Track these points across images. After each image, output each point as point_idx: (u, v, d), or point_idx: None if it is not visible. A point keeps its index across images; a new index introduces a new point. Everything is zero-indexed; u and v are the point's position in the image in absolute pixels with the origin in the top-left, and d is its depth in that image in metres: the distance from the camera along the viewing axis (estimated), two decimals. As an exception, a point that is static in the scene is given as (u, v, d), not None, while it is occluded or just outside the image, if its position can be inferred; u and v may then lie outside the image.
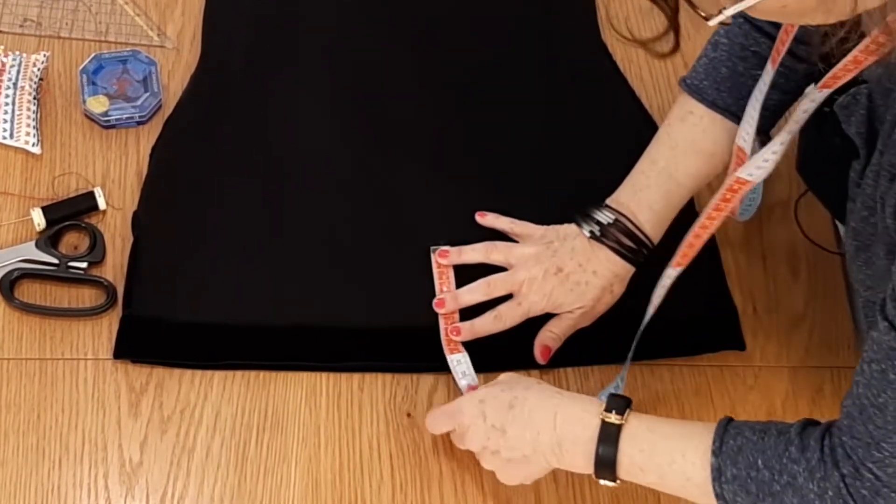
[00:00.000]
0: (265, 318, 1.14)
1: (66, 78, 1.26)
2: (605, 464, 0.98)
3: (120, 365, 1.11)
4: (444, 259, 1.16)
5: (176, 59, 1.29)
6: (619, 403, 0.99)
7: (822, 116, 1.05)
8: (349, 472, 1.08)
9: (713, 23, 0.76)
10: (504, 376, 1.06)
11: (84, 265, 1.15)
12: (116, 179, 1.21)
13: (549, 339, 1.13)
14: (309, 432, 1.09)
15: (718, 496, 0.94)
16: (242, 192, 1.21)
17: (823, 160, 1.11)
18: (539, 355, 1.13)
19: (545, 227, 1.16)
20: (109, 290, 1.13)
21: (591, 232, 1.12)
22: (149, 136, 1.23)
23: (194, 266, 1.16)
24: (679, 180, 1.13)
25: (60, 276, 1.14)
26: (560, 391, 1.03)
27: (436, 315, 1.14)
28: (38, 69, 1.24)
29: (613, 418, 0.98)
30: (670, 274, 1.10)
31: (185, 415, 1.09)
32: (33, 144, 1.21)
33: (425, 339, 1.14)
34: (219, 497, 1.06)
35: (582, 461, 0.99)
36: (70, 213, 1.17)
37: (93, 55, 1.26)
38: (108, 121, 1.23)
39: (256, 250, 1.17)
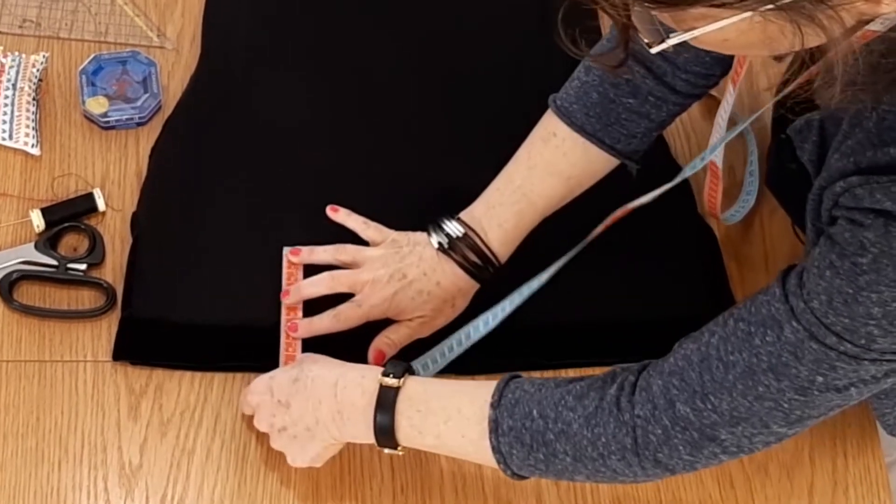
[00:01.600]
0: (265, 320, 1.13)
1: (65, 79, 1.26)
2: (384, 429, 0.98)
3: (119, 367, 1.11)
4: (295, 257, 1.15)
5: (175, 60, 1.29)
6: (398, 368, 1.00)
7: (781, 142, 1.05)
8: (349, 475, 1.08)
9: (655, 50, 0.76)
10: (301, 356, 1.07)
11: (83, 267, 1.14)
12: (116, 181, 1.21)
13: (384, 344, 1.12)
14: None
15: (495, 449, 0.95)
16: (242, 194, 1.21)
17: (784, 183, 1.11)
18: (372, 360, 1.12)
19: (397, 232, 1.16)
20: (109, 291, 1.13)
21: (440, 243, 1.12)
22: (148, 137, 1.23)
23: (194, 267, 1.16)
24: (533, 200, 1.13)
25: (60, 277, 1.14)
26: (346, 363, 1.04)
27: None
28: (38, 70, 1.24)
29: (390, 381, 0.99)
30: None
31: (185, 417, 1.09)
32: (32, 146, 1.20)
33: (426, 338, 1.14)
34: (219, 499, 1.06)
35: (363, 428, 0.99)
36: (69, 215, 1.17)
37: (92, 56, 1.26)
38: (108, 122, 1.22)
39: (256, 251, 1.17)
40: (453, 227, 1.13)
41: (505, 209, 1.13)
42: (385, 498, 1.07)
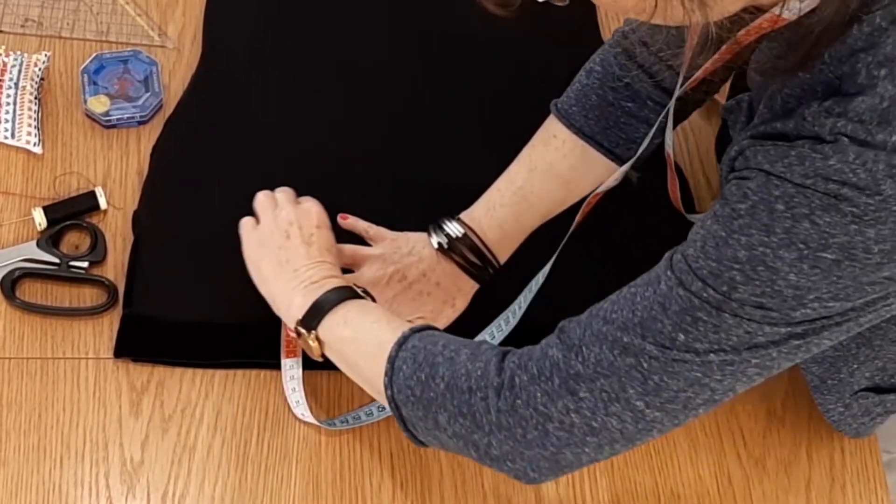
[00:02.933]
0: (266, 317, 1.13)
1: (67, 78, 1.27)
2: (322, 304, 1.01)
3: (121, 364, 1.11)
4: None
5: (177, 59, 1.30)
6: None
7: (723, 123, 1.06)
8: (350, 471, 1.08)
9: (561, 2, 0.79)
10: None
11: (85, 264, 1.15)
12: (117, 179, 1.21)
13: None
14: (309, 431, 1.09)
15: (390, 359, 0.96)
16: (243, 191, 1.21)
17: None
18: None
19: (399, 233, 1.17)
20: (110, 289, 1.14)
21: (440, 243, 1.13)
22: (150, 135, 1.24)
23: (195, 265, 1.16)
24: (533, 202, 1.14)
25: (61, 275, 1.14)
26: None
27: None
28: (40, 69, 1.24)
29: (346, 293, 1.03)
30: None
31: (186, 414, 1.09)
32: (34, 144, 1.21)
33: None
34: (220, 496, 1.06)
35: (306, 298, 1.03)
36: (71, 213, 1.17)
37: (94, 55, 1.26)
38: (109, 120, 1.23)
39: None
40: (453, 228, 1.13)
41: (505, 210, 1.14)
42: (384, 494, 1.08)
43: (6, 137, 1.20)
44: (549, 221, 1.16)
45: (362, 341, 1.00)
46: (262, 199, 1.12)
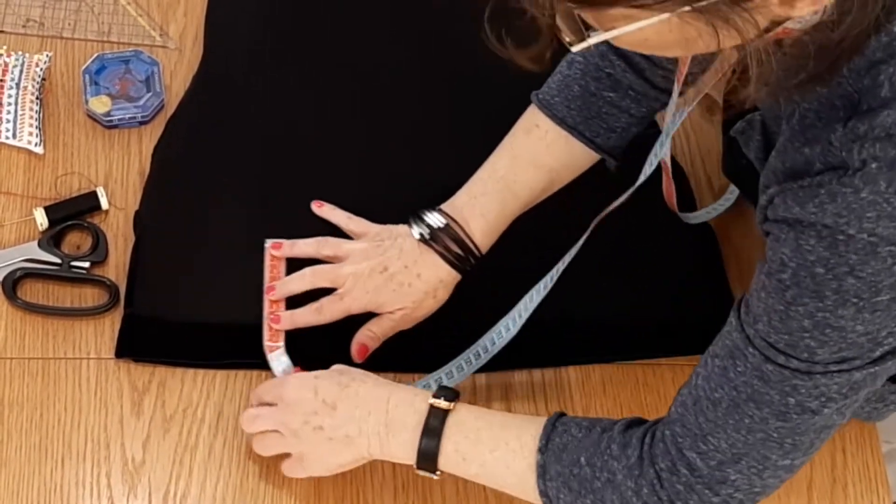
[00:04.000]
0: (267, 318, 1.14)
1: (68, 78, 1.27)
2: (429, 450, 0.98)
3: (122, 364, 1.11)
4: (277, 251, 1.15)
5: (178, 60, 1.30)
6: (449, 393, 1.00)
7: (729, 140, 1.06)
8: (351, 472, 1.08)
9: (576, 49, 0.77)
10: (337, 367, 1.06)
11: (86, 265, 1.15)
12: (119, 179, 1.21)
13: (367, 338, 1.12)
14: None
15: (542, 493, 0.95)
16: (244, 192, 1.21)
17: (742, 176, 1.12)
18: (356, 353, 1.12)
19: (380, 225, 1.16)
20: (112, 289, 1.14)
21: (421, 234, 1.12)
22: (151, 135, 1.24)
23: (196, 265, 1.17)
24: (516, 192, 1.13)
25: (63, 275, 1.14)
26: (395, 383, 1.04)
27: (439, 315, 1.15)
28: (41, 69, 1.24)
29: (442, 404, 0.99)
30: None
31: (188, 414, 1.09)
32: (36, 144, 1.21)
33: (426, 338, 1.15)
34: (221, 496, 1.06)
35: (407, 448, 0.99)
36: (72, 213, 1.17)
37: (95, 55, 1.26)
38: (111, 121, 1.23)
39: (258, 249, 1.17)
40: (434, 218, 1.13)
41: (488, 199, 1.13)
42: (386, 495, 1.08)
43: (8, 138, 1.21)
44: (531, 213, 1.16)
45: (494, 476, 0.99)
46: (256, 414, 1.05)
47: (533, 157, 1.13)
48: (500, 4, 0.79)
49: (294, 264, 1.15)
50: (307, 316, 1.11)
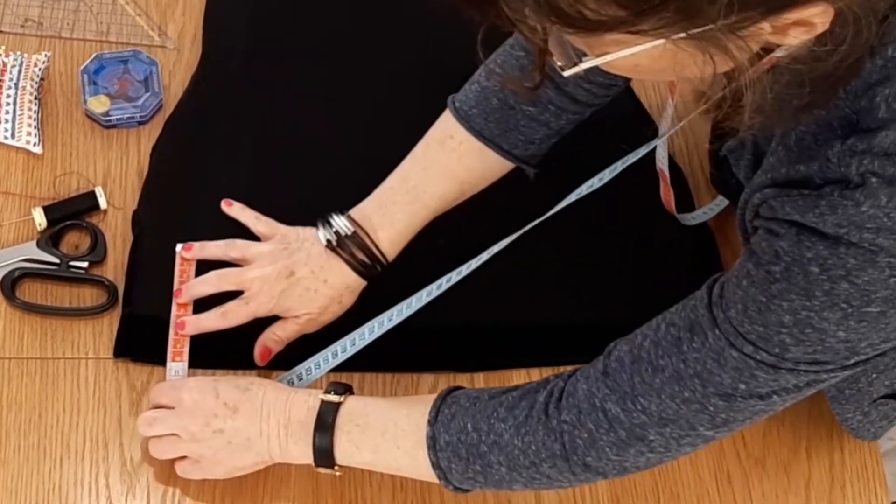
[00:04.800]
0: (266, 318, 1.14)
1: (67, 78, 1.27)
2: (323, 446, 1.00)
3: (121, 364, 1.11)
4: (188, 253, 1.14)
5: (177, 59, 1.30)
6: (340, 387, 1.02)
7: (719, 158, 1.06)
8: (349, 472, 1.08)
9: (568, 73, 0.77)
10: (247, 375, 1.08)
11: (85, 265, 1.15)
12: (117, 179, 1.21)
13: (271, 341, 1.12)
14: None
15: (435, 465, 0.96)
16: (242, 191, 1.21)
17: (732, 189, 1.12)
18: (258, 357, 1.12)
19: (288, 227, 1.16)
20: (110, 289, 1.14)
21: (328, 240, 1.12)
22: (149, 135, 1.24)
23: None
24: (426, 202, 1.14)
25: (61, 275, 1.14)
26: (292, 388, 1.06)
27: (438, 314, 1.15)
28: (40, 69, 1.24)
29: (331, 398, 1.01)
30: None
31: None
32: (34, 144, 1.21)
33: (425, 337, 1.15)
34: (220, 496, 1.06)
35: (303, 446, 1.01)
36: (71, 213, 1.17)
37: (94, 55, 1.26)
38: (109, 120, 1.23)
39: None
40: (342, 225, 1.12)
41: (397, 209, 1.13)
42: (384, 494, 1.08)
43: (6, 137, 1.21)
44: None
45: (387, 460, 1.00)
46: (152, 417, 1.05)
47: (446, 170, 1.14)
48: (493, 28, 0.79)
49: (204, 268, 1.14)
50: (212, 321, 1.11)
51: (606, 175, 1.17)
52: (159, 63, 1.27)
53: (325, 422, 1.00)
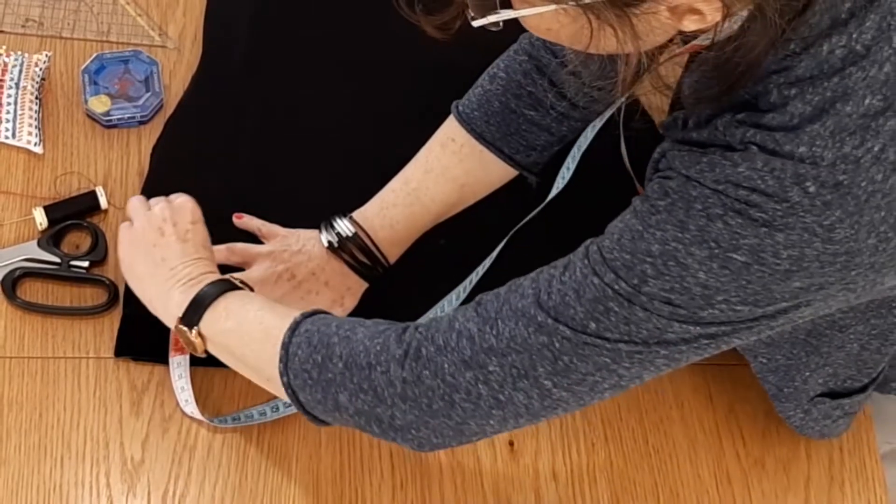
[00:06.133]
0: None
1: (67, 78, 1.27)
2: (198, 302, 1.00)
3: (122, 363, 1.12)
4: None
5: (177, 59, 1.30)
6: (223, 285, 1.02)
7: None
8: (350, 470, 1.08)
9: (477, 24, 0.80)
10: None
11: (86, 264, 1.15)
12: (118, 179, 1.21)
13: None
14: (309, 430, 1.10)
15: (283, 345, 0.95)
16: (242, 192, 1.21)
17: None
18: None
19: (289, 230, 1.16)
20: (111, 289, 1.14)
21: (329, 242, 1.13)
22: (150, 135, 1.24)
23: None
24: (426, 204, 1.14)
25: (62, 275, 1.14)
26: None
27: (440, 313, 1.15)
28: (40, 69, 1.24)
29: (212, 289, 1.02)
30: None
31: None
32: (35, 144, 1.21)
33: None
34: (220, 495, 1.06)
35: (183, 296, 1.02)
36: (72, 213, 1.17)
37: (94, 55, 1.26)
38: (110, 120, 1.23)
39: (257, 249, 1.18)
40: (344, 226, 1.13)
41: (398, 210, 1.14)
42: (385, 493, 1.08)
43: (7, 137, 1.21)
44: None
45: (247, 331, 0.99)
46: (134, 202, 1.10)
47: (447, 172, 1.14)
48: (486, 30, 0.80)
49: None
50: None
51: (571, 164, 1.17)
52: (160, 63, 1.27)
53: (214, 289, 1.01)
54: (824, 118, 0.76)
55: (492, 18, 0.79)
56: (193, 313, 1.01)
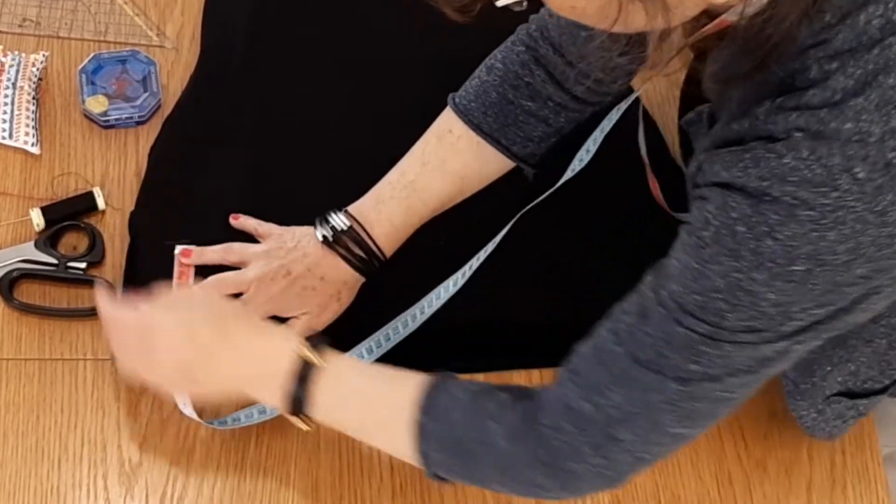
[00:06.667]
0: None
1: (65, 78, 1.26)
2: (297, 398, 0.96)
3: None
4: (187, 259, 1.14)
5: (175, 59, 1.29)
6: (318, 345, 0.97)
7: (681, 132, 1.06)
8: (349, 474, 1.08)
9: (501, 3, 0.78)
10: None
11: (83, 265, 1.14)
12: (115, 179, 1.21)
13: None
14: (309, 433, 1.09)
15: (422, 453, 0.94)
16: (241, 192, 1.21)
17: None
18: None
19: (284, 228, 1.16)
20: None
21: (325, 236, 1.12)
22: (148, 135, 1.23)
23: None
24: (423, 198, 1.13)
25: (60, 276, 1.14)
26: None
27: (439, 314, 1.15)
28: (38, 69, 1.24)
29: (311, 356, 0.97)
30: None
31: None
32: (32, 144, 1.21)
33: (425, 338, 1.14)
34: (218, 498, 1.06)
35: (276, 396, 0.97)
36: (69, 214, 1.17)
37: (92, 55, 1.26)
38: (108, 121, 1.23)
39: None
40: (339, 220, 1.12)
41: (395, 204, 1.13)
42: (384, 496, 1.08)
43: (4, 138, 1.20)
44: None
45: (369, 431, 0.99)
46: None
47: (443, 164, 1.13)
48: (489, 19, 0.79)
49: (203, 270, 1.14)
50: None
51: (591, 147, 1.17)
52: (157, 63, 1.26)
53: (305, 376, 0.96)
54: (868, 91, 0.74)
55: None
56: (297, 406, 0.97)
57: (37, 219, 1.16)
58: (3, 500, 1.04)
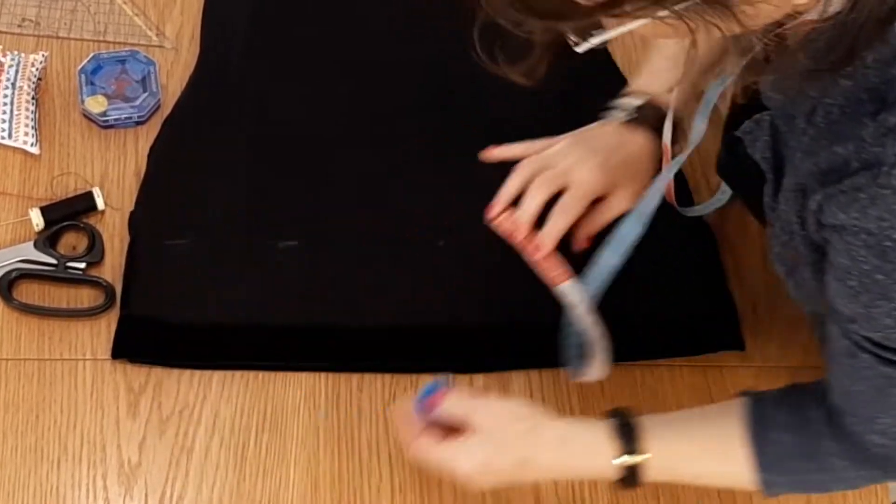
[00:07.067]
0: (264, 318, 1.14)
1: (64, 78, 1.26)
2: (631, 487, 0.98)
3: (118, 365, 1.11)
4: (538, 253, 1.09)
5: (174, 59, 1.29)
6: (627, 434, 0.95)
7: (732, 139, 1.05)
8: (348, 474, 1.08)
9: (581, 49, 0.77)
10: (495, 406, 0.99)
11: (82, 265, 1.14)
12: (115, 179, 1.21)
13: (594, 229, 1.11)
14: (308, 433, 1.09)
15: (772, 495, 0.96)
16: (240, 192, 1.21)
17: (740, 176, 1.11)
18: (585, 241, 1.11)
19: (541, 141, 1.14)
20: (108, 290, 1.13)
21: (628, 116, 1.12)
22: (147, 136, 1.23)
23: (192, 266, 1.16)
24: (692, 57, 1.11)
25: (59, 276, 1.14)
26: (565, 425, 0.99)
27: (438, 315, 1.15)
28: (37, 69, 1.24)
29: (631, 460, 0.95)
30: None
31: (184, 415, 1.09)
32: (32, 144, 1.21)
33: (425, 338, 1.14)
34: (217, 498, 1.06)
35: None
36: (68, 214, 1.17)
37: (91, 55, 1.26)
38: (107, 121, 1.23)
39: (255, 250, 1.17)
40: (632, 101, 1.13)
41: (671, 74, 1.12)
42: (383, 496, 1.07)
43: (3, 138, 1.20)
44: (442, 216, 1.16)
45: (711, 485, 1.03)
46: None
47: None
48: (490, 21, 0.78)
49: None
50: (557, 224, 1.08)
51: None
52: (157, 63, 1.26)
53: (630, 479, 0.96)
54: None
55: (596, 41, 0.75)
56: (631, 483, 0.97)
57: (36, 219, 1.16)
58: (2, 500, 1.04)
